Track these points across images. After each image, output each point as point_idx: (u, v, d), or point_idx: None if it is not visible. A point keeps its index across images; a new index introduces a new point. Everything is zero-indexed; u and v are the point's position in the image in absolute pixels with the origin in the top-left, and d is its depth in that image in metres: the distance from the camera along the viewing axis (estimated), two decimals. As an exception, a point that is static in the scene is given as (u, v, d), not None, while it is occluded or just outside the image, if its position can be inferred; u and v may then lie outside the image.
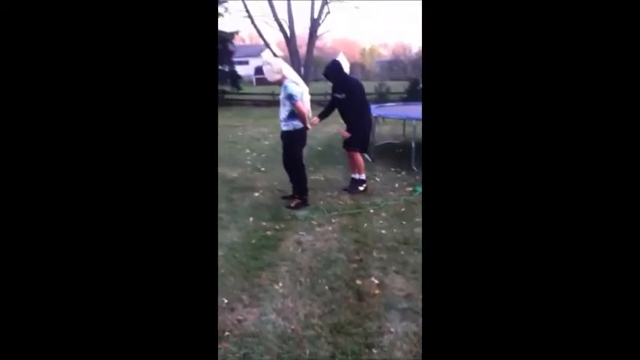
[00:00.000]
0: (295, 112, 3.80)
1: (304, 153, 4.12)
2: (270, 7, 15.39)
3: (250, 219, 3.67)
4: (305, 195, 4.09)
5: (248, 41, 39.61)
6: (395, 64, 36.20)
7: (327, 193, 4.48)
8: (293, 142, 3.98)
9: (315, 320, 2.18)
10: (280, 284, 2.55)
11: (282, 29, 15.83)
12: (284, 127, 3.93)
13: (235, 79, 16.15)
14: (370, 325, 2.13)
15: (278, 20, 15.70)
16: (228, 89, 16.10)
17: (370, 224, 3.56)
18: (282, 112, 3.90)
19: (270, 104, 13.77)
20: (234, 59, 16.18)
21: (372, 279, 2.61)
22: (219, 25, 15.94)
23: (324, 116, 4.48)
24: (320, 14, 15.70)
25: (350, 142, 4.37)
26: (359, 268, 2.77)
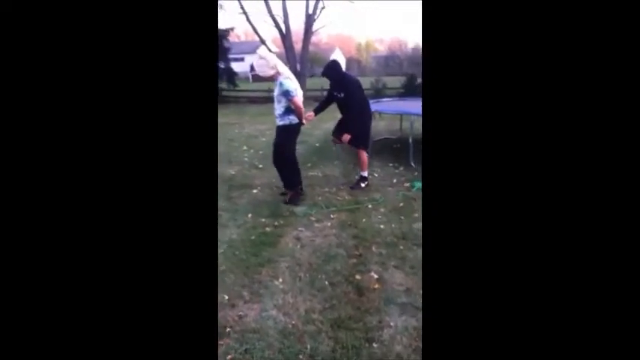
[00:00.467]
0: (291, 107, 3.83)
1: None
2: (265, 4, 15.33)
3: (249, 216, 3.68)
4: (299, 186, 4.11)
5: (243, 38, 39.48)
6: (391, 59, 36.19)
7: (326, 189, 4.49)
8: (288, 136, 4.00)
9: (316, 315, 2.20)
10: (280, 280, 2.57)
11: (278, 25, 15.77)
12: (280, 123, 3.95)
13: (231, 76, 16.12)
14: (370, 320, 2.15)
15: (273, 17, 15.63)
16: (224, 86, 16.06)
17: (369, 220, 3.57)
18: (278, 108, 3.91)
19: (267, 101, 13.74)
20: (229, 56, 16.12)
21: (371, 274, 2.62)
22: (214, 22, 15.85)
23: (319, 111, 4.54)
24: (315, 10, 15.66)
25: (354, 140, 4.40)
26: (358, 263, 2.79)
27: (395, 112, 6.55)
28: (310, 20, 15.67)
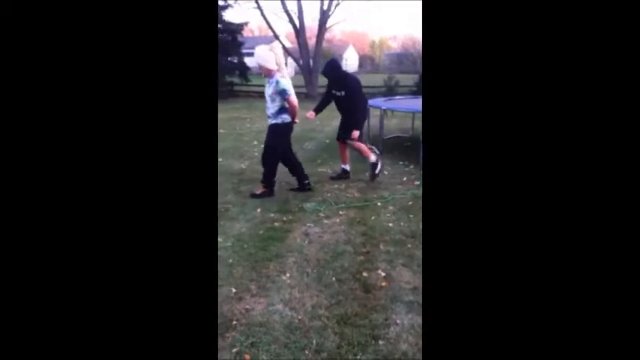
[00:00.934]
0: (285, 106, 3.86)
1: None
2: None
3: (258, 210, 3.69)
4: (273, 187, 4.14)
5: (257, 33, 39.53)
6: (404, 57, 35.95)
7: (335, 185, 4.49)
8: (281, 135, 4.01)
9: (322, 311, 2.20)
10: (288, 275, 2.58)
11: (292, 21, 15.76)
12: (272, 122, 3.97)
13: (244, 70, 16.13)
14: (376, 317, 2.15)
15: (287, 12, 15.63)
16: (236, 81, 16.09)
17: (377, 217, 3.57)
18: (271, 107, 3.91)
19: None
20: (242, 51, 16.15)
21: (378, 271, 2.62)
22: (228, 17, 15.92)
23: (319, 110, 4.68)
24: (329, 6, 15.61)
25: (353, 135, 4.49)
26: (366, 260, 2.78)
27: (407, 110, 6.52)
28: (324, 16, 15.62)
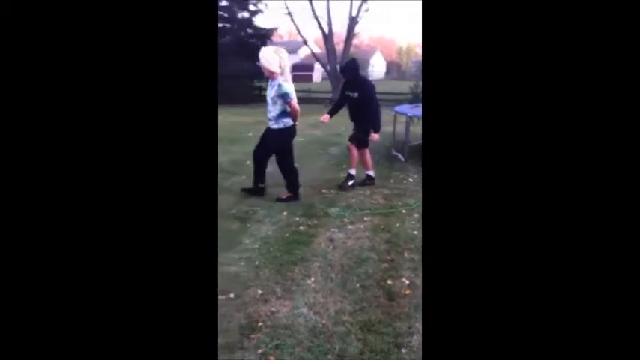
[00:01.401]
0: (287, 110, 3.88)
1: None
2: (310, 5, 15.48)
3: (284, 214, 3.74)
4: (297, 190, 4.18)
5: (286, 38, 39.91)
6: (432, 64, 35.51)
7: (360, 191, 4.50)
8: (282, 140, 4.03)
9: (346, 317, 2.22)
10: (312, 279, 2.60)
11: (321, 26, 15.90)
12: (274, 126, 3.98)
13: (272, 75, 16.28)
14: (400, 325, 2.15)
15: (317, 17, 15.77)
16: (264, 85, 16.26)
17: (402, 225, 3.56)
18: (273, 110, 3.92)
19: (304, 101, 13.85)
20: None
21: (402, 279, 2.62)
22: (258, 22, 16.15)
23: (333, 113, 4.67)
24: (358, 12, 15.68)
25: (360, 141, 4.51)
26: (390, 267, 2.79)
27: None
28: (353, 22, 15.69)
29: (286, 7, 15.78)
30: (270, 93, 3.93)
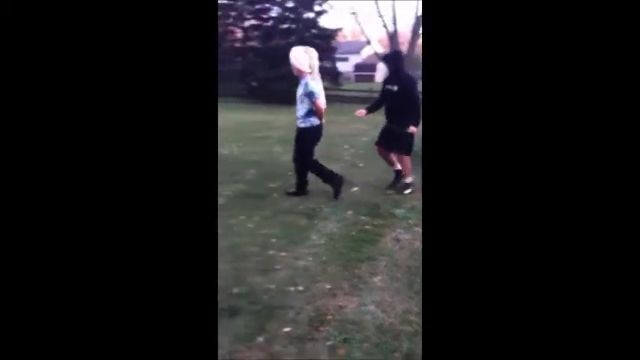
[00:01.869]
0: (313, 109, 3.90)
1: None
2: (375, 4, 15.44)
3: (349, 212, 3.78)
4: (303, 192, 4.18)
5: (350, 38, 40.00)
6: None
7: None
8: (309, 139, 4.05)
9: (413, 317, 2.22)
10: (379, 277, 2.63)
11: (385, 26, 15.81)
12: (301, 125, 4.01)
13: (336, 75, 16.44)
14: (469, 329, 2.12)
15: (382, 17, 15.71)
16: (328, 85, 16.45)
17: (470, 229, 3.48)
18: (300, 109, 3.96)
19: (365, 101, 13.81)
20: (335, 55, 16.48)
21: (471, 284, 2.57)
22: (324, 22, 16.34)
23: (373, 110, 4.54)
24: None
25: (399, 146, 4.38)
26: (458, 271, 2.74)
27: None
28: (419, 22, 15.44)
29: (351, 7, 15.83)
30: (299, 91, 4.00)
